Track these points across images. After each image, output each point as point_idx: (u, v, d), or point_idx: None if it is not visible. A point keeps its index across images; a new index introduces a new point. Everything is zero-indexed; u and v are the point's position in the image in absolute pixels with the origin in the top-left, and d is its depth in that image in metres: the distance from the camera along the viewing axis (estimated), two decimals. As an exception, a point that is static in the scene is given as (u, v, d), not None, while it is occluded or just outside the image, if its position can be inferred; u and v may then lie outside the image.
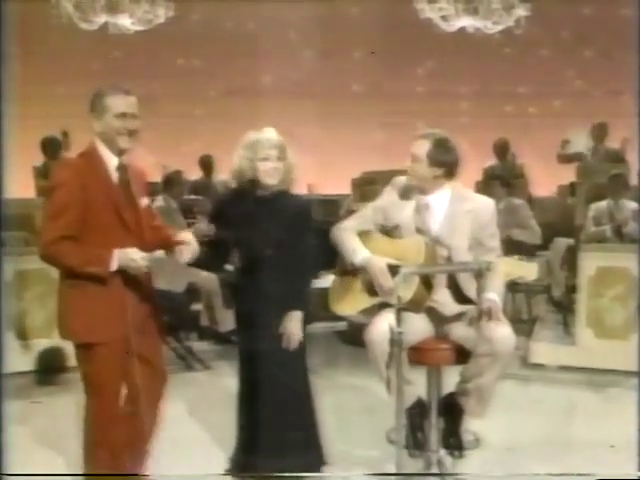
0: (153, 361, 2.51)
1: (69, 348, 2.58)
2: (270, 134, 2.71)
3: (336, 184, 7.53)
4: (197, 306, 5.18)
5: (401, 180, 2.78)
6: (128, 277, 2.38)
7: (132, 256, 2.34)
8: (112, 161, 2.43)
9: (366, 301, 2.71)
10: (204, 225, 2.59)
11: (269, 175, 2.67)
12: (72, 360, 2.56)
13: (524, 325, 5.02)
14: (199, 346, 5.04)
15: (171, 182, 5.50)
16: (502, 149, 6.86)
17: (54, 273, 2.52)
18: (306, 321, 2.73)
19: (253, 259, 2.69)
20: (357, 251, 2.67)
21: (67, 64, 8.14)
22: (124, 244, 2.37)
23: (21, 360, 4.16)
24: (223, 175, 6.95)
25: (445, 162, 2.66)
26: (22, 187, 5.31)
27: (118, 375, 2.40)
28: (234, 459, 2.84)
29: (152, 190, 2.60)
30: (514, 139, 7.06)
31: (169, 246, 2.54)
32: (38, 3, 7.04)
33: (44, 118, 6.87)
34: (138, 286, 2.43)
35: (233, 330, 5.41)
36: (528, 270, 2.41)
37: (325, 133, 8.33)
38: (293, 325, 2.68)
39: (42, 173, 6.13)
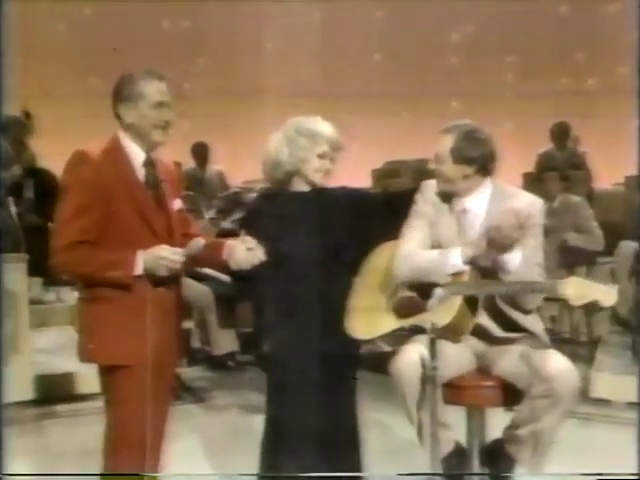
0: (170, 376, 2.60)
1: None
2: (332, 132, 2.83)
3: (353, 176, 7.50)
4: (187, 324, 5.20)
5: (431, 185, 2.80)
6: (156, 285, 2.43)
7: (161, 253, 2.38)
8: (139, 157, 2.49)
9: (392, 323, 2.71)
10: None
11: (319, 175, 2.80)
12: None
13: (583, 349, 4.99)
14: (189, 373, 5.06)
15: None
16: (562, 134, 6.81)
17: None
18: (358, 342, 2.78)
19: (298, 269, 2.76)
20: (448, 253, 2.63)
21: (24, 27, 8.15)
22: (129, 289, 2.41)
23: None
24: (218, 165, 6.99)
25: (474, 158, 2.67)
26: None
27: (144, 398, 2.44)
28: None
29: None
30: (569, 118, 7.00)
31: (217, 254, 2.58)
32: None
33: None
34: (167, 297, 2.49)
35: (230, 353, 5.51)
36: (605, 294, 2.36)
37: (340, 114, 8.29)
38: None
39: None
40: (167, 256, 2.39)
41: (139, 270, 2.39)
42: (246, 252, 2.54)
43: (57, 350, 4.76)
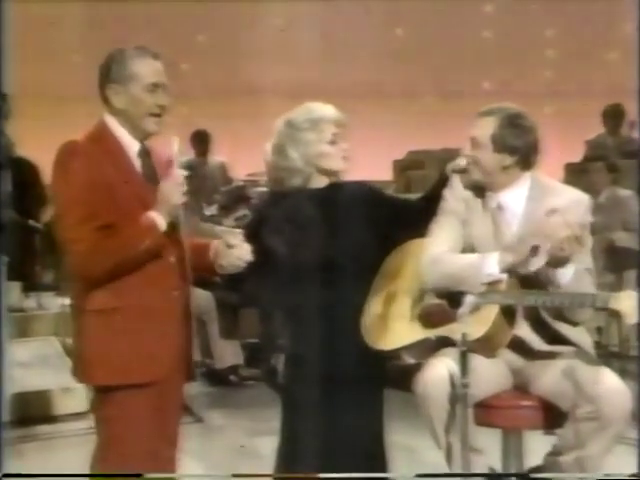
0: (180, 391, 2.62)
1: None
2: (331, 110, 2.84)
3: (372, 168, 7.49)
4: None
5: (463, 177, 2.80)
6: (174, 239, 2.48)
7: (163, 188, 2.40)
8: (133, 146, 2.49)
9: (417, 333, 2.72)
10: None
11: (340, 161, 2.81)
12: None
13: (633, 364, 4.96)
14: (187, 388, 5.06)
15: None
16: (615, 118, 6.76)
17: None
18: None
19: (314, 273, 2.78)
20: (484, 259, 2.61)
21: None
22: (160, 255, 2.45)
23: None
24: (220, 157, 6.98)
25: (517, 147, 2.67)
26: None
27: (158, 418, 2.46)
28: None
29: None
30: (620, 98, 6.93)
31: (203, 257, 2.61)
32: None
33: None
34: (180, 304, 2.54)
35: (233, 367, 5.51)
36: None
37: (357, 99, 8.28)
38: None
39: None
40: (170, 185, 2.41)
41: (164, 224, 2.41)
42: (228, 251, 2.54)
43: (38, 364, 4.78)
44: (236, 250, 2.54)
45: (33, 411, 4.52)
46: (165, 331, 2.47)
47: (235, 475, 3.01)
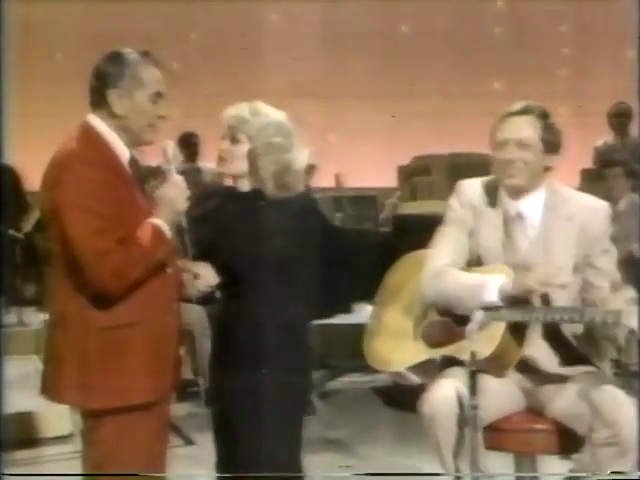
0: (168, 410, 2.67)
1: None
2: (232, 109, 2.86)
3: (375, 173, 7.51)
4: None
5: (470, 186, 2.79)
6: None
7: (166, 193, 2.49)
8: (124, 153, 2.50)
9: (421, 353, 2.72)
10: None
11: (218, 160, 2.85)
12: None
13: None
14: (177, 409, 5.05)
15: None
16: (622, 119, 6.76)
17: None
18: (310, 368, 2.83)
19: (239, 280, 2.78)
20: (487, 283, 2.61)
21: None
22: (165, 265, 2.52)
23: None
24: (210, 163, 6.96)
25: (560, 147, 2.69)
26: None
27: (146, 445, 2.49)
28: None
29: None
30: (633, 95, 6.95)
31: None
32: None
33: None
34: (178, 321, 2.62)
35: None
36: None
37: (358, 101, 8.30)
38: None
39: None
40: (172, 190, 2.49)
41: (169, 231, 2.47)
42: (194, 281, 2.68)
43: (17, 385, 4.76)
44: (202, 279, 2.69)
45: (12, 435, 4.50)
46: (168, 346, 2.52)
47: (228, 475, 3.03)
